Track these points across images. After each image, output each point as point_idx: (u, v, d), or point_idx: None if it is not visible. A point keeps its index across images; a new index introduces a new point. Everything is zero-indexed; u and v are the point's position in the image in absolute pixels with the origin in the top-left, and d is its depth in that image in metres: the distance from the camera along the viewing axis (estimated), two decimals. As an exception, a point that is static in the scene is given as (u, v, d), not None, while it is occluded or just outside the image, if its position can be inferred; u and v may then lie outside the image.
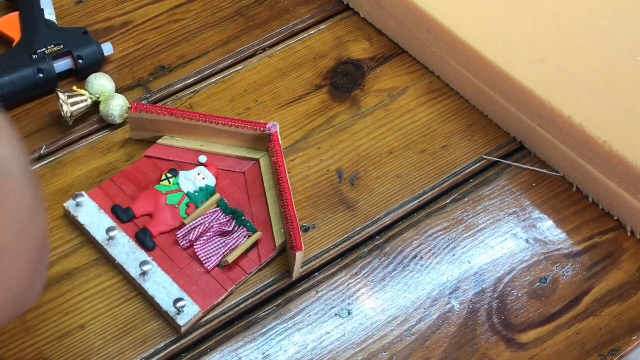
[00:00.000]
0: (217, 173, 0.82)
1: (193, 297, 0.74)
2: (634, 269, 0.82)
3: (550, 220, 0.84)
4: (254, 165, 0.84)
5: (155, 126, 0.83)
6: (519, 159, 0.89)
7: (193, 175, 0.81)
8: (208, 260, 0.77)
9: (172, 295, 0.74)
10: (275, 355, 0.74)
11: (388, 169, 0.87)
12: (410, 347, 0.75)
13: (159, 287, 0.75)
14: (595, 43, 0.89)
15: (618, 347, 0.76)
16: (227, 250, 0.77)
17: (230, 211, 0.79)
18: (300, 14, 1.00)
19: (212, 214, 0.79)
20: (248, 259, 0.78)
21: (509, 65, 0.87)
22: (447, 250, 0.82)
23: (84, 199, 0.79)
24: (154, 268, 0.75)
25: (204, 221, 0.78)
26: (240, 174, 0.83)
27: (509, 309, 0.78)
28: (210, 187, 0.81)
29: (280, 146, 0.82)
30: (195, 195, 0.80)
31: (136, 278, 0.75)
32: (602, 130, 0.82)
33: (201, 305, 0.74)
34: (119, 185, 0.81)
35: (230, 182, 0.82)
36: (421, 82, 0.95)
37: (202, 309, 0.74)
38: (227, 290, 0.76)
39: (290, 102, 0.92)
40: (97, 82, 0.86)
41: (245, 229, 0.79)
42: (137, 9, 0.99)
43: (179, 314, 0.73)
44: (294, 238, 0.75)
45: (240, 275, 0.77)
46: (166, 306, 0.73)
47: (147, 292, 0.74)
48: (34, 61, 0.86)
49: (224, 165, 0.83)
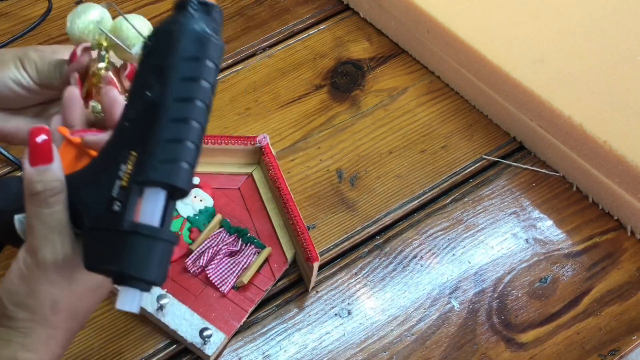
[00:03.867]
0: (213, 193, 0.80)
1: (216, 324, 0.72)
2: (634, 269, 0.82)
3: (550, 221, 0.84)
4: (248, 180, 0.82)
5: None
6: (519, 159, 0.89)
7: (190, 199, 0.79)
8: (223, 283, 0.75)
9: (195, 326, 0.72)
10: (275, 355, 0.74)
11: (388, 169, 0.87)
12: (410, 347, 0.75)
13: (179, 319, 0.72)
14: (595, 43, 0.89)
15: (618, 347, 0.76)
16: (240, 271, 0.76)
17: (234, 230, 0.78)
18: (300, 14, 1.00)
19: (217, 236, 0.77)
20: (262, 276, 0.76)
21: (509, 65, 0.87)
22: (447, 250, 0.82)
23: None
24: (171, 301, 0.73)
25: (211, 244, 0.76)
26: (235, 191, 0.81)
27: (509, 309, 0.78)
28: (210, 208, 0.79)
29: (275, 157, 0.81)
30: (196, 219, 0.78)
31: (154, 314, 0.72)
32: (602, 130, 0.81)
33: (225, 331, 0.72)
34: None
35: (227, 201, 0.80)
36: (421, 82, 0.95)
37: (227, 335, 0.73)
38: (247, 311, 0.74)
39: (290, 102, 0.92)
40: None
41: (253, 245, 0.77)
42: (137, 9, 0.99)
43: (206, 344, 0.71)
44: (309, 249, 0.74)
45: (258, 294, 0.75)
46: (191, 338, 0.71)
47: (168, 327, 0.72)
48: None
49: (217, 184, 0.81)
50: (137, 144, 0.46)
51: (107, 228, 0.48)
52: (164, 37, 0.47)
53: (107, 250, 0.48)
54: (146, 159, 0.45)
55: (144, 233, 0.47)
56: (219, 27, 0.48)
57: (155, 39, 0.48)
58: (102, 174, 0.48)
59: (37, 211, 0.49)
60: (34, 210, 0.49)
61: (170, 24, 0.48)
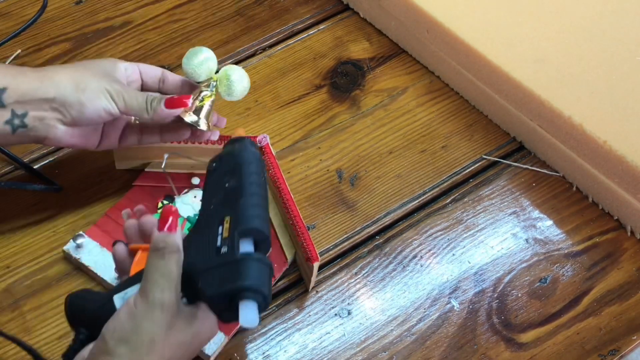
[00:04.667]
0: None
1: None
2: (634, 269, 0.82)
3: (550, 220, 0.84)
4: None
5: (142, 153, 0.81)
6: (519, 159, 0.89)
7: (190, 199, 0.79)
8: None
9: None
10: (275, 355, 0.74)
11: (388, 169, 0.87)
12: (410, 347, 0.75)
13: None
14: (595, 43, 0.89)
15: (618, 347, 0.76)
16: None
17: None
18: (300, 14, 1.00)
19: None
20: None
21: (509, 65, 0.87)
22: (447, 250, 0.82)
23: (84, 239, 0.76)
24: None
25: None
26: None
27: (509, 309, 0.78)
28: None
29: (275, 157, 0.81)
30: (196, 218, 0.78)
31: None
32: (602, 130, 0.81)
33: (225, 331, 0.72)
34: (114, 219, 0.78)
35: None
36: (421, 82, 0.95)
37: (227, 335, 0.73)
38: None
39: (290, 102, 0.92)
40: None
41: None
42: (137, 9, 0.99)
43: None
44: (309, 249, 0.74)
45: None
46: None
47: None
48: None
49: None
50: (228, 214, 0.63)
51: (220, 264, 0.60)
52: (229, 154, 0.68)
53: (225, 277, 0.59)
54: (241, 217, 0.62)
55: (254, 257, 0.60)
56: (258, 149, 0.71)
57: (220, 157, 0.68)
58: (204, 236, 0.63)
59: (156, 262, 0.60)
60: (154, 261, 0.60)
61: (234, 148, 0.68)
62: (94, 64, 0.74)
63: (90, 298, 0.64)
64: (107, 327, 0.59)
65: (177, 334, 0.60)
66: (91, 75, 0.72)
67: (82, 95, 0.71)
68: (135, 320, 0.59)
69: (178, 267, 0.61)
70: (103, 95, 0.71)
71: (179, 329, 0.60)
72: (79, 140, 0.74)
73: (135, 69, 0.76)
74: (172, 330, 0.59)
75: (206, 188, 0.68)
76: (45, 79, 0.71)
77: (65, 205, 0.81)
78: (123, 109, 0.72)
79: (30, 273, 0.77)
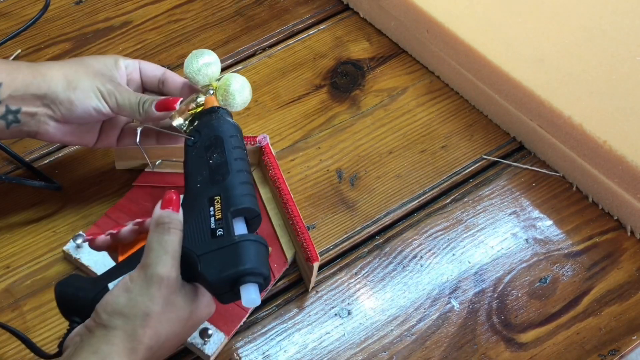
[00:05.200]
0: None
1: (216, 324, 0.72)
2: (634, 269, 0.82)
3: (550, 220, 0.84)
4: None
5: (142, 153, 0.80)
6: (519, 159, 0.89)
7: None
8: None
9: None
10: (275, 355, 0.74)
11: (388, 169, 0.87)
12: (410, 347, 0.75)
13: None
14: (595, 43, 0.89)
15: (618, 347, 0.76)
16: None
17: None
18: (300, 14, 1.00)
19: None
20: None
21: (509, 65, 0.87)
22: (447, 250, 0.82)
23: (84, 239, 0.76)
24: None
25: None
26: None
27: (509, 309, 0.78)
28: None
29: (275, 157, 0.81)
30: None
31: None
32: (602, 130, 0.82)
33: (225, 331, 0.72)
34: (114, 219, 0.78)
35: None
36: (421, 82, 0.95)
37: (227, 335, 0.72)
38: (247, 311, 0.74)
39: (290, 102, 0.92)
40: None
41: None
42: (137, 9, 0.99)
43: (206, 344, 0.71)
44: (309, 249, 0.74)
45: None
46: (191, 338, 0.71)
47: None
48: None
49: None
50: (217, 193, 0.64)
51: (218, 247, 0.61)
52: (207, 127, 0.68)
53: (225, 261, 0.60)
54: (232, 197, 0.63)
55: (251, 239, 0.61)
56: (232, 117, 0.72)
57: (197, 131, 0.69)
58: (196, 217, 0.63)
59: (159, 237, 0.60)
60: (156, 236, 0.61)
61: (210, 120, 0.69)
62: (93, 61, 0.74)
63: (81, 286, 0.63)
64: (101, 303, 0.60)
65: (177, 311, 0.60)
66: (84, 73, 0.72)
67: (73, 94, 0.71)
68: (130, 294, 0.59)
69: (180, 244, 0.61)
70: (94, 94, 0.71)
71: (178, 306, 0.60)
72: (72, 137, 0.75)
73: (135, 67, 0.76)
74: (170, 307, 0.59)
75: (188, 164, 0.68)
76: (38, 75, 0.71)
77: (65, 205, 0.81)
78: (115, 109, 0.72)
79: (30, 273, 0.77)
